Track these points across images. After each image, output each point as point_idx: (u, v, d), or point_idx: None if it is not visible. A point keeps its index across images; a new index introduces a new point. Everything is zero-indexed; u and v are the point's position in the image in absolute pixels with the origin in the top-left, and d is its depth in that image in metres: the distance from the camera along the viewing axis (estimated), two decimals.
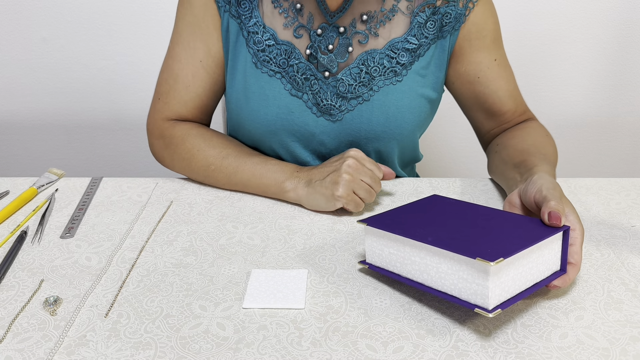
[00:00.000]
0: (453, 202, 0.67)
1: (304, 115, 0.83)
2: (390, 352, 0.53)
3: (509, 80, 0.88)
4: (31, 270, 0.66)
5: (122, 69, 1.63)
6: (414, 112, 0.84)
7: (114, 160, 1.76)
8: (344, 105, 0.83)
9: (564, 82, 1.67)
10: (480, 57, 0.86)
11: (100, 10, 1.55)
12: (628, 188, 0.84)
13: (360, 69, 0.82)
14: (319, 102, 0.83)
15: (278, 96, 0.83)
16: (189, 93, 0.85)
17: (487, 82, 0.87)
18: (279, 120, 0.83)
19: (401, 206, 0.67)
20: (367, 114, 0.83)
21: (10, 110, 1.68)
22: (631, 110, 1.72)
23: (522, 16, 1.59)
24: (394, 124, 0.84)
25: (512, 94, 0.89)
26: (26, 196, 0.81)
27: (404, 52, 0.82)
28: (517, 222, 0.61)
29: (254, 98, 0.83)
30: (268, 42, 0.82)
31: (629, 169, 1.80)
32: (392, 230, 0.60)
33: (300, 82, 0.82)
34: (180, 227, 0.75)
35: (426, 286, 0.58)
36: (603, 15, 1.59)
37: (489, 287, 0.52)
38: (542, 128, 0.88)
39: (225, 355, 0.53)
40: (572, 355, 0.52)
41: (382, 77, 0.82)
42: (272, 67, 0.82)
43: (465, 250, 0.53)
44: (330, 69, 0.82)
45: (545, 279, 0.58)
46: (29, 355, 0.53)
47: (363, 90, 0.82)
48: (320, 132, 0.85)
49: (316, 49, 0.81)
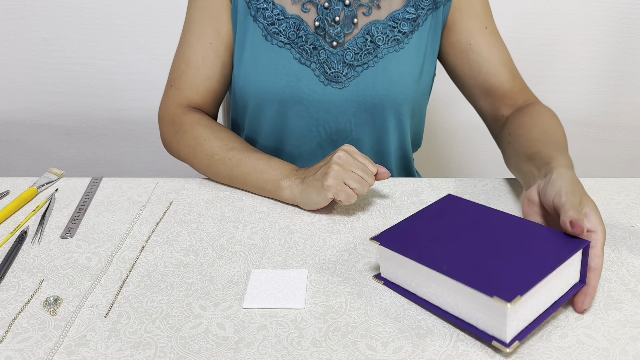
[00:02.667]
0: (468, 206, 0.66)
1: (312, 83, 0.87)
2: (390, 352, 0.53)
3: (502, 49, 0.90)
4: (31, 270, 0.66)
5: (122, 69, 1.63)
6: (414, 78, 0.88)
7: (114, 160, 1.76)
8: (350, 72, 0.87)
9: (564, 82, 1.67)
10: (471, 24, 0.89)
11: (100, 10, 1.55)
12: (628, 188, 0.84)
13: (365, 38, 0.86)
14: (327, 71, 0.87)
15: (287, 65, 0.86)
16: (199, 76, 0.88)
17: (479, 49, 0.89)
18: (288, 88, 0.86)
19: (415, 214, 0.66)
20: (372, 79, 0.87)
21: (10, 110, 1.68)
22: (631, 110, 1.72)
23: (522, 16, 1.59)
24: (397, 88, 0.87)
25: (506, 63, 0.89)
26: (26, 196, 0.81)
27: (404, 22, 0.86)
28: (535, 236, 0.59)
29: (263, 69, 0.86)
30: (277, 16, 0.86)
31: (629, 169, 1.80)
32: (407, 253, 0.58)
33: (309, 52, 0.86)
34: (180, 227, 0.75)
35: (443, 311, 0.57)
36: (603, 15, 1.59)
37: (507, 324, 0.51)
38: (547, 110, 0.86)
39: (225, 355, 0.53)
40: (572, 355, 0.52)
41: (386, 45, 0.86)
42: (282, 38, 0.86)
43: (482, 285, 0.52)
44: (337, 39, 0.86)
45: (564, 295, 0.57)
46: (29, 355, 0.53)
47: (368, 58, 0.86)
48: (327, 99, 0.88)
49: (324, 21, 0.85)
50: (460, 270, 0.54)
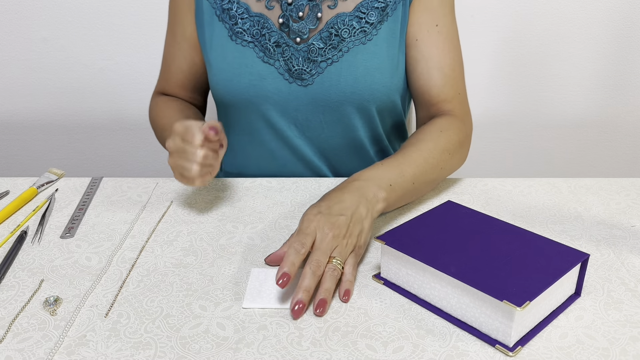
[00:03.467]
0: (469, 214, 0.66)
1: (277, 81, 0.86)
2: (390, 352, 0.53)
3: (445, 53, 0.85)
4: (31, 270, 0.66)
5: (122, 69, 1.63)
6: (384, 72, 0.84)
7: (114, 160, 1.76)
8: (314, 69, 0.85)
9: (564, 82, 1.67)
10: (423, 18, 0.85)
11: (100, 10, 1.55)
12: (628, 188, 0.84)
13: (329, 32, 0.84)
14: (291, 68, 0.85)
15: (250, 64, 0.86)
16: (169, 72, 0.96)
17: (421, 47, 0.85)
18: (252, 87, 0.86)
19: (417, 218, 0.66)
20: (336, 76, 0.84)
21: (10, 110, 1.68)
22: (631, 110, 1.72)
23: (522, 16, 1.59)
24: (363, 84, 0.84)
25: (442, 68, 0.85)
26: (26, 196, 0.81)
27: (373, 11, 0.83)
28: (534, 245, 0.59)
29: (228, 69, 0.87)
30: (242, 15, 0.86)
31: (629, 169, 1.80)
32: (413, 254, 0.58)
33: (272, 49, 0.85)
34: (180, 227, 0.75)
35: (445, 312, 0.57)
36: (603, 15, 1.59)
37: (513, 327, 0.51)
38: (440, 124, 0.82)
39: (225, 355, 0.53)
40: (572, 355, 0.52)
41: (352, 37, 0.83)
42: (246, 37, 0.86)
43: (491, 290, 0.52)
44: (301, 35, 0.84)
45: (561, 305, 0.58)
46: (29, 355, 0.53)
47: (333, 53, 0.84)
48: (294, 97, 0.87)
49: (288, 17, 0.84)
50: (468, 273, 0.55)
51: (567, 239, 0.71)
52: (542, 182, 0.86)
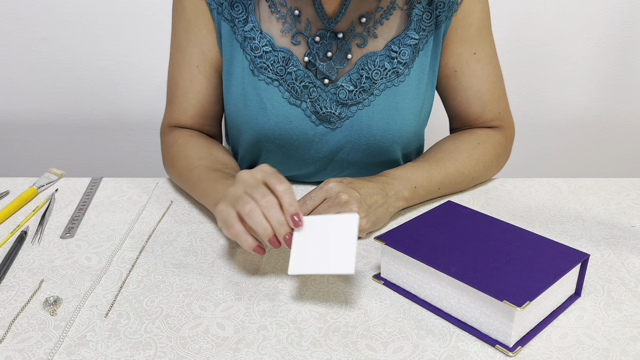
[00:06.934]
0: (469, 214, 0.66)
1: (303, 124, 0.82)
2: (390, 352, 0.53)
3: (483, 80, 0.84)
4: (31, 270, 0.66)
5: (122, 69, 1.63)
6: (413, 111, 0.82)
7: (114, 160, 1.76)
8: (343, 112, 0.81)
9: (564, 82, 1.67)
10: (461, 49, 0.83)
11: (100, 10, 1.55)
12: (628, 188, 0.84)
13: (360, 74, 0.80)
14: (318, 110, 0.81)
15: (276, 105, 0.80)
16: (188, 100, 0.85)
17: (461, 78, 0.84)
18: (278, 129, 0.82)
19: (417, 218, 0.66)
20: (367, 120, 0.81)
21: (10, 110, 1.68)
22: (631, 110, 1.72)
23: (522, 16, 1.59)
24: (394, 127, 0.81)
25: (482, 96, 0.85)
26: (26, 196, 0.81)
27: (405, 49, 0.79)
28: (534, 245, 0.60)
29: (252, 105, 0.81)
30: (265, 48, 0.79)
31: (629, 169, 1.80)
32: (413, 254, 0.58)
33: (299, 90, 0.80)
34: (180, 227, 0.75)
35: (445, 313, 0.57)
36: (603, 15, 1.59)
37: (513, 327, 0.52)
38: (479, 136, 0.83)
39: (225, 355, 0.53)
40: (572, 355, 0.52)
41: (383, 80, 0.80)
42: (270, 74, 0.80)
43: (491, 290, 0.52)
44: (329, 76, 0.80)
45: (561, 305, 0.58)
46: (29, 355, 0.53)
47: (364, 96, 0.80)
48: (318, 139, 0.83)
49: (314, 56, 0.79)
50: (467, 273, 0.55)
51: (567, 239, 0.71)
52: (542, 182, 0.86)
